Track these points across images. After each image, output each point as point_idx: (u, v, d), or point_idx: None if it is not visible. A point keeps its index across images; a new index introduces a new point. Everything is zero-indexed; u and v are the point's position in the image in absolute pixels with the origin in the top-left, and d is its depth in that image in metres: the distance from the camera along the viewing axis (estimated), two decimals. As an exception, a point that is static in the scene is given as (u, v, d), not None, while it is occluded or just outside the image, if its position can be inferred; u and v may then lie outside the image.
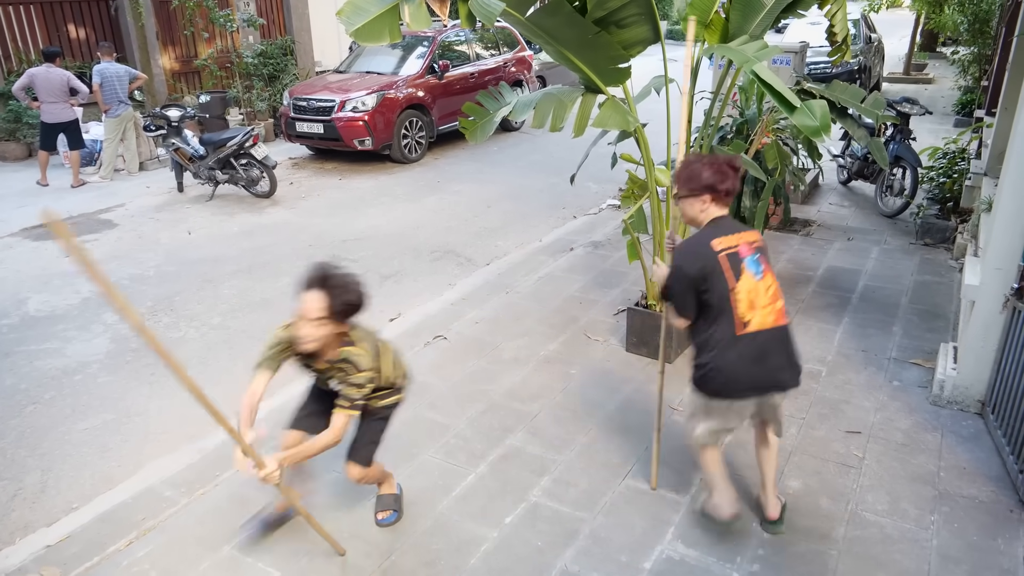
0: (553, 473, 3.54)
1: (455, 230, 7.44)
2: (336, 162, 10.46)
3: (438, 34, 11.03)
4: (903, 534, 3.11)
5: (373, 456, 3.10)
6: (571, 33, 4.02)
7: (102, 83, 9.23)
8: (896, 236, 6.62)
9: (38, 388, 4.63)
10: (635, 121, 4.19)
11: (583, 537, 3.13)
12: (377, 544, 3.11)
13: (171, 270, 6.52)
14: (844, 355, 4.56)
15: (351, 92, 9.96)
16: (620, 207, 7.38)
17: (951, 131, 9.90)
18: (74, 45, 11.65)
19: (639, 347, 4.62)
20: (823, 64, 12.09)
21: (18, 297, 6.00)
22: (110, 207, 8.45)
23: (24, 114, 10.30)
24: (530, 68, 12.52)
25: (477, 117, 4.50)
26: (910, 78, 16.46)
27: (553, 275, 5.98)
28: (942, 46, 20.50)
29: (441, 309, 5.42)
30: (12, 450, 4.02)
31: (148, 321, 5.52)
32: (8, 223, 7.83)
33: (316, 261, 2.76)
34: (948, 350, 4.23)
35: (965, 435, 3.76)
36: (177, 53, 12.87)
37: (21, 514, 3.52)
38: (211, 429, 4.03)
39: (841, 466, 3.54)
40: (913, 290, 5.47)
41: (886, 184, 7.26)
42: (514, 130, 12.11)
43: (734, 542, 3.07)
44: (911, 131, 7.25)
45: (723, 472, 3.07)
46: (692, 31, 3.68)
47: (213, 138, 8.56)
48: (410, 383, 3.20)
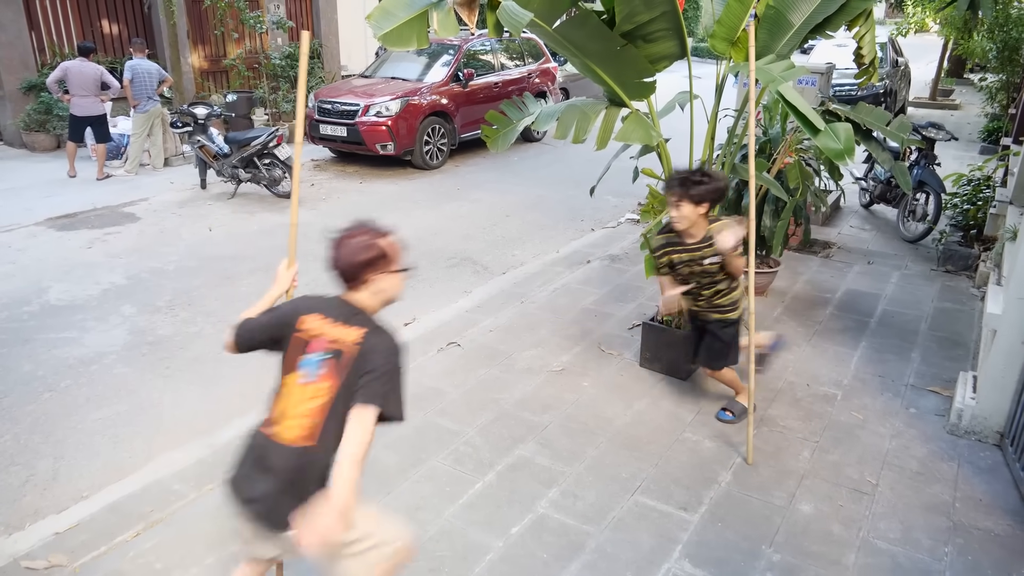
0: (561, 485, 3.52)
1: (473, 238, 7.45)
2: (358, 165, 10.53)
3: (464, 42, 11.10)
4: (915, 564, 3.05)
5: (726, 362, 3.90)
6: (597, 46, 4.03)
7: (133, 79, 9.38)
8: (917, 262, 6.56)
9: (55, 376, 4.68)
10: (658, 136, 4.18)
11: (589, 551, 3.10)
12: (382, 548, 3.10)
13: (191, 265, 6.58)
14: (860, 379, 4.51)
15: (375, 97, 10.04)
16: (639, 221, 7.36)
17: (976, 158, 9.81)
18: (107, 40, 11.84)
19: (653, 362, 4.60)
20: (849, 86, 12.03)
21: (40, 286, 6.07)
22: (134, 201, 8.55)
23: (54, 106, 10.48)
24: (554, 79, 12.55)
25: (500, 126, 4.52)
26: (936, 103, 16.33)
27: (569, 287, 5.97)
28: (970, 72, 20.34)
29: (456, 316, 5.42)
30: (26, 436, 4.06)
31: (166, 315, 5.57)
32: (34, 212, 7.95)
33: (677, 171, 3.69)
34: (967, 379, 4.16)
35: (982, 466, 3.69)
36: (206, 52, 13.05)
37: (32, 500, 3.56)
38: (222, 425, 4.06)
39: (854, 492, 3.49)
40: (933, 317, 5.40)
41: (909, 209, 7.20)
42: (536, 141, 12.14)
43: (742, 563, 3.04)
44: (936, 156, 7.18)
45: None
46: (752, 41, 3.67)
47: (238, 137, 8.66)
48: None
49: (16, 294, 5.90)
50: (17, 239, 7.20)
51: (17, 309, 5.63)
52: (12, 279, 6.21)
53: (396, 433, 3.90)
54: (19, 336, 5.19)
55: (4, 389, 4.52)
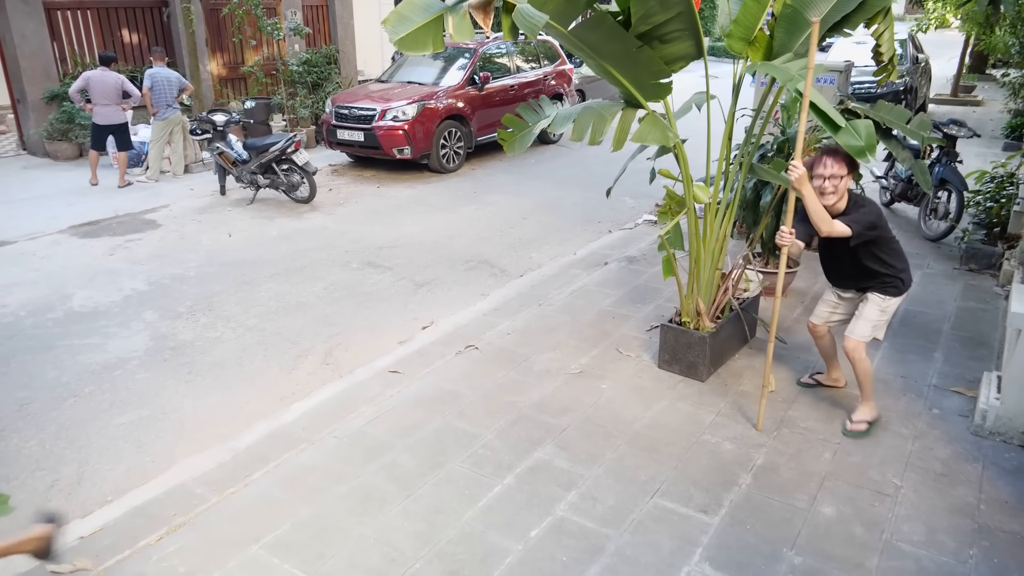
0: (580, 488, 3.51)
1: (490, 241, 7.46)
2: (375, 170, 10.58)
3: (480, 46, 11.12)
4: (940, 567, 3.01)
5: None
6: (613, 47, 4.02)
7: (152, 87, 9.50)
8: (939, 261, 6.47)
9: (78, 382, 4.75)
10: (675, 137, 4.17)
11: (608, 554, 3.09)
12: (402, 551, 3.11)
13: (211, 271, 6.65)
14: (882, 380, 4.45)
15: (392, 101, 10.09)
16: (656, 223, 7.34)
17: (999, 155, 9.65)
18: (127, 49, 12.01)
19: (671, 364, 4.58)
20: (867, 84, 11.91)
21: (63, 292, 6.17)
22: (155, 207, 8.66)
23: (77, 115, 10.64)
24: (570, 81, 12.54)
25: (516, 129, 4.52)
26: (958, 100, 16.11)
27: (586, 289, 5.96)
28: (992, 68, 20.03)
29: (473, 319, 5.43)
30: (51, 441, 4.12)
31: (187, 320, 5.63)
32: (58, 220, 8.07)
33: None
34: (992, 379, 4.10)
35: (1008, 468, 3.64)
36: (225, 59, 13.19)
37: (57, 504, 3.60)
38: (243, 429, 4.10)
39: (877, 494, 3.45)
40: (956, 316, 5.33)
41: (930, 207, 7.11)
42: (552, 143, 12.14)
43: (763, 566, 3.01)
44: (958, 154, 7.08)
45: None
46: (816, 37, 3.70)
47: (256, 143, 8.73)
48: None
49: (41, 301, 5.99)
50: (41, 247, 7.31)
51: (42, 316, 5.72)
52: (37, 286, 6.31)
53: (415, 436, 3.92)
54: (43, 343, 5.28)
55: (29, 395, 4.59)
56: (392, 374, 4.60)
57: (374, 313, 5.77)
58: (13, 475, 3.83)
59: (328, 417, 4.13)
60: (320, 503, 3.41)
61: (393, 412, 4.18)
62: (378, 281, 6.40)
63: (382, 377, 4.58)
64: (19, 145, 11.47)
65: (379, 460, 3.73)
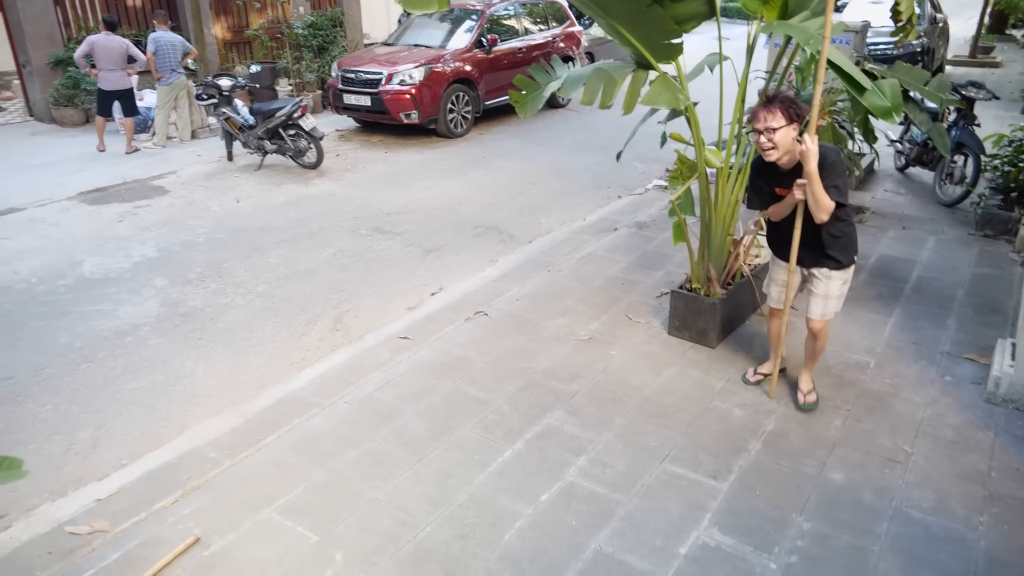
0: (590, 453, 3.53)
1: (498, 206, 7.41)
2: (382, 135, 10.49)
3: (487, 7, 10.93)
4: (949, 534, 3.02)
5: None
6: (623, 5, 3.93)
7: (156, 51, 9.40)
8: (954, 226, 6.39)
9: (91, 347, 4.78)
10: (686, 99, 4.09)
11: (618, 519, 3.12)
12: (413, 514, 3.14)
13: (220, 237, 6.64)
14: (894, 347, 4.43)
15: (399, 65, 9.96)
16: (667, 188, 7.26)
17: (1018, 118, 9.48)
18: (130, 13, 11.87)
19: (682, 330, 4.56)
20: (884, 44, 11.66)
21: (74, 259, 6.18)
22: (162, 174, 8.63)
23: (82, 80, 10.56)
24: (579, 44, 12.33)
25: (528, 90, 4.44)
26: (976, 61, 15.76)
27: (596, 254, 5.93)
28: (1012, 28, 19.56)
29: (483, 285, 5.42)
30: (67, 406, 4.17)
31: (196, 287, 5.65)
32: (66, 187, 8.07)
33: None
34: (1006, 346, 4.07)
35: (1020, 435, 3.62)
36: (229, 23, 13.02)
37: (74, 468, 3.66)
38: (253, 394, 4.13)
39: (887, 461, 3.45)
40: (970, 283, 5.28)
41: (946, 172, 6.99)
42: (561, 107, 11.99)
43: (772, 531, 3.03)
44: (975, 117, 6.94)
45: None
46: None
47: (263, 108, 8.66)
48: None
49: (52, 268, 6.01)
50: (50, 214, 7.32)
51: (53, 283, 5.74)
52: (47, 253, 6.33)
53: (426, 402, 3.93)
54: (56, 309, 5.31)
55: (44, 360, 4.63)
56: (401, 340, 4.61)
57: (383, 279, 5.76)
58: (30, 439, 3.88)
59: (338, 383, 4.15)
60: (331, 467, 3.45)
61: (403, 378, 4.19)
62: (387, 247, 6.38)
63: (391, 343, 4.59)
64: (25, 111, 11.43)
65: (390, 425, 3.75)
